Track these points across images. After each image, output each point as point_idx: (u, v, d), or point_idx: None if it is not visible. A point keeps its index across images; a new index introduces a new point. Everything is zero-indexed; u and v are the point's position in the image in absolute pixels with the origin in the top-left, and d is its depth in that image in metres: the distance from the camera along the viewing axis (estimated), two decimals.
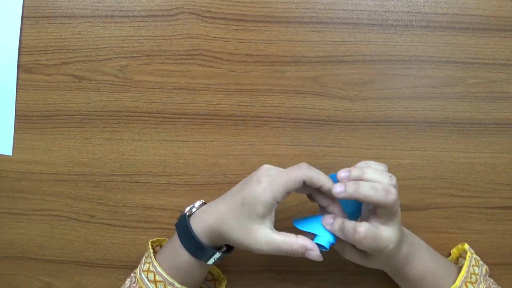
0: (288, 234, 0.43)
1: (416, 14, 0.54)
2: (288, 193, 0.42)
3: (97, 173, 0.56)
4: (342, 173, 0.43)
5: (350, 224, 0.42)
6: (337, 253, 0.56)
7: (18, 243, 0.57)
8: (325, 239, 0.43)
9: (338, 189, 0.41)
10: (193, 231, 0.45)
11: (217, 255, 0.45)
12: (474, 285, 0.46)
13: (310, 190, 0.45)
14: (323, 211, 0.46)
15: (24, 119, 0.56)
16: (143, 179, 0.56)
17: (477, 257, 0.51)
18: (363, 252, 0.45)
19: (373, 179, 0.42)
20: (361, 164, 0.44)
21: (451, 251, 0.54)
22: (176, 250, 0.46)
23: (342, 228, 0.43)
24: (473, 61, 0.54)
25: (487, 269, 0.51)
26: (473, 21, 0.54)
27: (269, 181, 0.42)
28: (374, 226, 0.42)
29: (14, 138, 0.56)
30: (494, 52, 0.54)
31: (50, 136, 0.56)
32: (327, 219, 0.44)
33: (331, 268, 0.56)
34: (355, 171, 0.42)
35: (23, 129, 0.56)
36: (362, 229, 0.41)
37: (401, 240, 0.44)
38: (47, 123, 0.56)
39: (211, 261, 0.46)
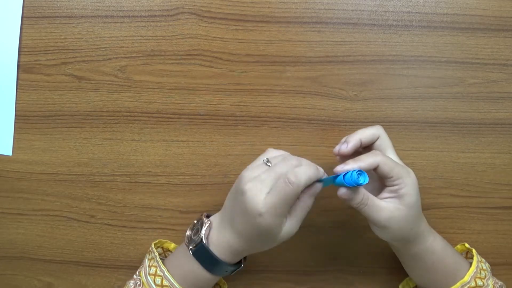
0: (294, 206, 0.44)
1: (416, 14, 0.54)
2: (291, 206, 0.43)
3: (97, 173, 0.56)
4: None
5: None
6: (337, 253, 0.56)
7: (18, 243, 0.57)
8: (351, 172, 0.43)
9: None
10: (217, 257, 0.45)
11: (235, 269, 0.47)
12: (483, 280, 0.47)
13: None
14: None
15: (24, 119, 0.56)
16: (143, 179, 0.56)
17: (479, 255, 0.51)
18: (387, 203, 0.45)
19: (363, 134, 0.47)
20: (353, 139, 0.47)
21: None
22: (189, 264, 0.46)
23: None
24: (473, 61, 0.54)
25: (490, 266, 0.51)
26: (473, 21, 0.54)
27: (271, 209, 0.42)
28: None
29: (14, 138, 0.56)
30: (494, 52, 0.54)
31: (50, 136, 0.56)
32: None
33: (331, 268, 0.56)
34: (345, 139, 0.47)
35: (23, 129, 0.56)
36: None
37: (419, 207, 0.46)
38: (47, 123, 0.56)
39: (226, 274, 0.48)
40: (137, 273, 0.50)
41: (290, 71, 0.55)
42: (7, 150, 0.56)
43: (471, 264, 0.49)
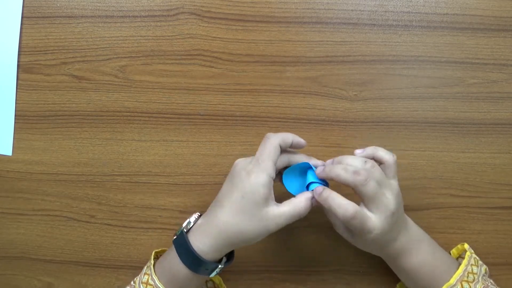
0: (290, 200, 0.45)
1: (416, 14, 0.54)
2: (275, 163, 0.45)
3: (97, 173, 0.56)
4: (328, 161, 0.49)
5: (342, 200, 0.44)
6: (337, 253, 0.57)
7: (18, 243, 0.57)
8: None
9: (318, 170, 0.47)
10: (193, 248, 0.44)
11: (219, 268, 0.45)
12: (470, 284, 0.46)
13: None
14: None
15: (24, 119, 0.56)
16: (143, 179, 0.56)
17: (477, 257, 0.51)
18: (350, 231, 0.47)
19: (348, 163, 0.46)
20: (370, 149, 0.49)
21: (451, 252, 0.54)
22: (175, 265, 0.45)
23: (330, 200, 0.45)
24: (473, 61, 0.54)
25: (487, 269, 0.51)
26: (473, 21, 0.54)
27: (255, 165, 0.44)
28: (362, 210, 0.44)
29: (14, 138, 0.56)
30: (494, 52, 0.54)
31: (50, 136, 0.56)
32: (318, 188, 0.46)
33: (331, 268, 0.56)
34: (338, 158, 0.48)
35: (23, 129, 0.56)
36: (351, 207, 0.43)
37: (396, 231, 0.46)
38: (47, 123, 0.56)
39: (213, 274, 0.46)
40: (134, 279, 0.49)
41: (290, 71, 0.55)
42: (7, 150, 0.56)
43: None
